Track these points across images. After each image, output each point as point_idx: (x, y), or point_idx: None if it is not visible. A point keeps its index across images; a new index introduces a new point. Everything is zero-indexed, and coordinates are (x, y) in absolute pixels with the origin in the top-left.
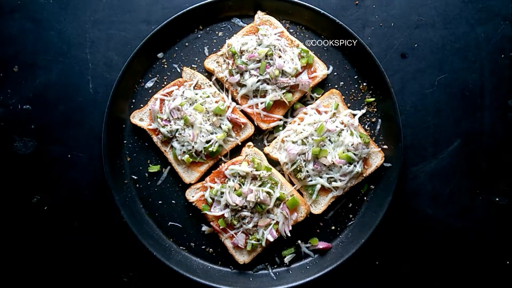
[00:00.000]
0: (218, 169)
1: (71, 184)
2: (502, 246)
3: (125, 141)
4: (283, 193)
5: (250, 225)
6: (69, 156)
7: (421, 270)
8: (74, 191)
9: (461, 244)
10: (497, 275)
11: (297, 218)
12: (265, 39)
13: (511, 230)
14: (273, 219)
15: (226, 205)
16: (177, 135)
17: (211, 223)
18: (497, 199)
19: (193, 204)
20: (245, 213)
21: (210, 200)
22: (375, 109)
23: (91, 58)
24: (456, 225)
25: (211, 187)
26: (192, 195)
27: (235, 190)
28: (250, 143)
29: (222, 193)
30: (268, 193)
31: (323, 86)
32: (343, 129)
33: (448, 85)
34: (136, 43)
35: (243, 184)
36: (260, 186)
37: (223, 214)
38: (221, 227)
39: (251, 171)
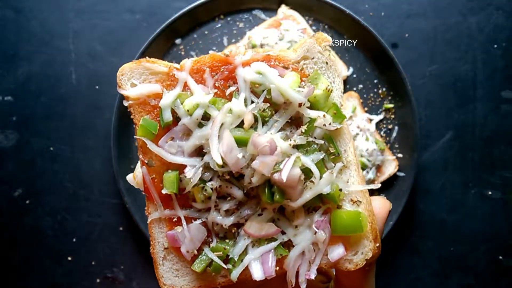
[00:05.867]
0: (226, 53)
1: (54, 177)
2: (495, 241)
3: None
4: (340, 191)
5: (228, 221)
6: (51, 148)
7: (412, 264)
8: (56, 184)
9: (454, 239)
10: (490, 270)
11: (340, 260)
12: (287, 34)
13: (504, 224)
14: (284, 233)
15: (201, 151)
16: None
17: (142, 168)
18: (489, 192)
19: (126, 104)
20: (235, 191)
21: (168, 117)
22: (393, 116)
23: (74, 48)
24: (448, 219)
25: (186, 87)
26: (134, 82)
27: (240, 125)
28: (325, 36)
29: (207, 116)
30: (306, 171)
31: None
32: (358, 133)
33: (440, 76)
34: (120, 33)
35: (264, 124)
36: (300, 149)
37: (184, 167)
38: (163, 191)
39: (300, 104)
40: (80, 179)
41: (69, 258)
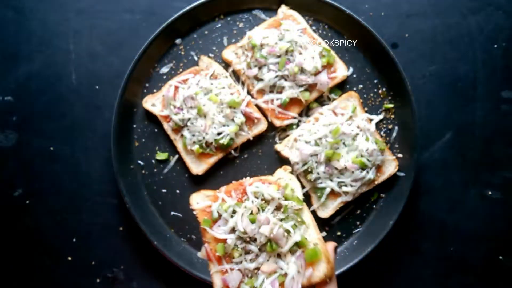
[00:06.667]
0: (240, 181)
1: (54, 177)
2: (495, 241)
3: (135, 125)
4: (306, 239)
5: (252, 265)
6: (51, 148)
7: (412, 264)
8: (56, 184)
9: (454, 239)
10: (490, 270)
11: (311, 277)
12: (287, 34)
13: (505, 224)
14: (282, 268)
15: (233, 229)
16: (188, 124)
17: (205, 245)
18: (489, 192)
19: (194, 212)
20: (252, 247)
21: (216, 215)
22: (393, 116)
23: (74, 48)
24: (448, 219)
25: (223, 200)
26: (198, 202)
27: (251, 213)
28: (287, 166)
29: (234, 211)
30: (287, 231)
31: (341, 87)
32: (358, 133)
33: (440, 76)
34: (120, 33)
35: (263, 211)
36: (282, 220)
37: (225, 239)
38: (217, 254)
39: (279, 198)
40: (80, 179)
41: (69, 258)
